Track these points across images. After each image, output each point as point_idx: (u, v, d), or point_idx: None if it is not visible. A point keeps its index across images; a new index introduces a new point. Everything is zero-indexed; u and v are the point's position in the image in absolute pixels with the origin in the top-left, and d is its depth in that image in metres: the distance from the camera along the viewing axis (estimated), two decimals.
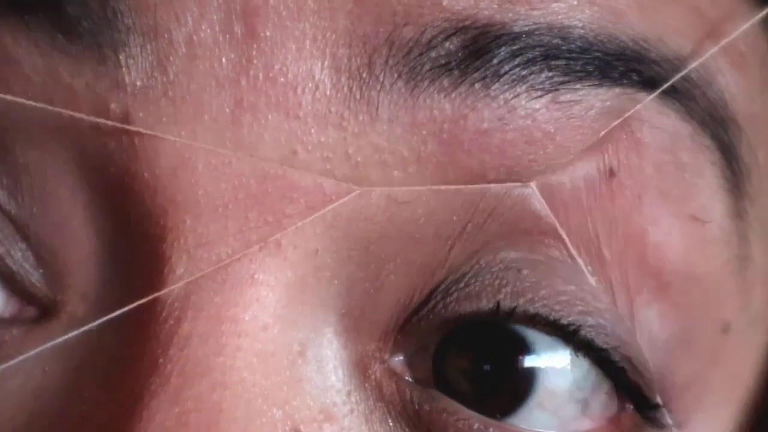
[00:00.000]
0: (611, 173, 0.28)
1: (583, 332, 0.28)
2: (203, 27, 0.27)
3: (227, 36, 0.27)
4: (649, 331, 0.29)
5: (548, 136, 0.28)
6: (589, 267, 0.29)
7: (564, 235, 0.29)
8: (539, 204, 0.28)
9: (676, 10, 0.29)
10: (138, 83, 0.27)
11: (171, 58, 0.27)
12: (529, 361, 0.29)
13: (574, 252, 0.28)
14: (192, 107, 0.27)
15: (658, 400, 0.30)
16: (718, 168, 0.30)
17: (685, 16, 0.29)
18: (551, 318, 0.28)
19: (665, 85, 0.29)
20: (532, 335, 0.29)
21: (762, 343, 0.33)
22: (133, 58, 0.27)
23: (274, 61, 0.27)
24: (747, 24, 0.30)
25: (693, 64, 0.29)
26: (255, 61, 0.27)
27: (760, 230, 0.32)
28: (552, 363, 0.29)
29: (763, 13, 0.30)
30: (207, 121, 0.27)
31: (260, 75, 0.27)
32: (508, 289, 0.28)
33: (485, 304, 0.28)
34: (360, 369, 0.28)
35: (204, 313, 0.27)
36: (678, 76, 0.29)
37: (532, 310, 0.28)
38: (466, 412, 0.28)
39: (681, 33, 0.29)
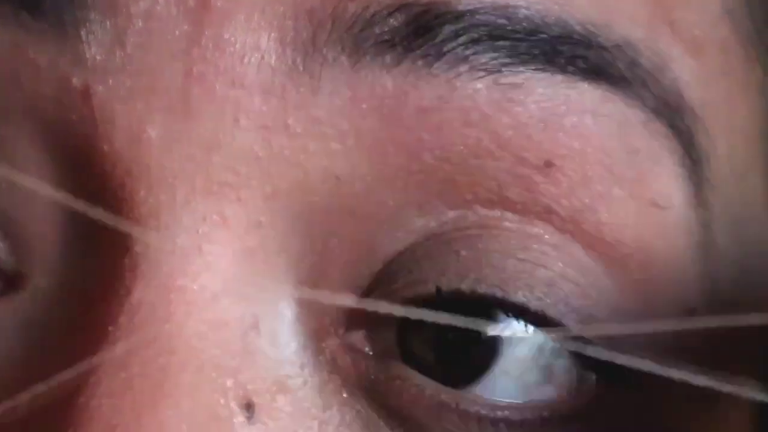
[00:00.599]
0: (548, 164, 0.29)
1: (533, 305, 0.29)
2: (159, 0, 0.27)
3: (181, 8, 0.27)
4: (608, 302, 0.29)
5: (485, 119, 0.28)
6: (542, 234, 0.29)
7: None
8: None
9: None
10: (98, 58, 0.28)
11: (129, 33, 0.28)
12: (493, 330, 0.29)
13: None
14: (147, 80, 0.28)
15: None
16: (676, 156, 0.30)
17: (636, 1, 0.29)
18: (498, 296, 0.29)
19: None
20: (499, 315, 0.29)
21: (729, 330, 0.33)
22: (93, 34, 0.28)
23: (223, 31, 0.27)
24: None
25: None
26: (206, 32, 0.27)
27: (726, 219, 0.32)
28: (515, 331, 0.29)
29: None
30: (160, 92, 0.28)
31: (210, 45, 0.27)
32: (450, 271, 0.29)
33: (430, 288, 0.29)
34: (314, 342, 0.29)
35: (154, 282, 0.27)
36: None
37: (479, 290, 0.29)
38: (420, 379, 0.29)
39: (632, 18, 0.29)
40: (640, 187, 0.30)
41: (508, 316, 0.29)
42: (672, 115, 0.30)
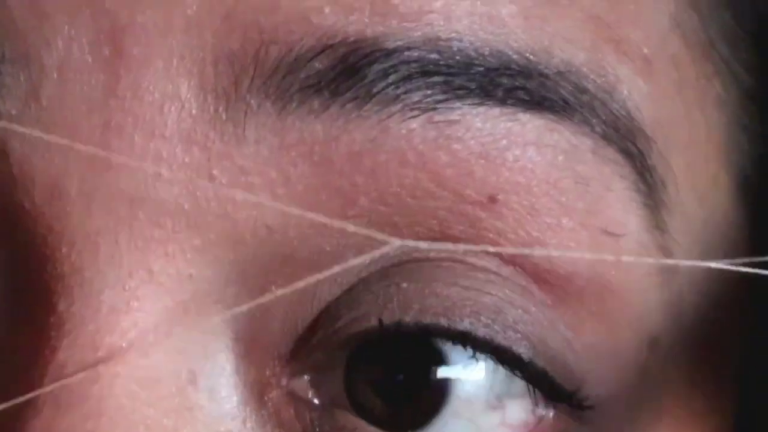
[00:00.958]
0: (491, 199, 0.28)
1: (480, 333, 0.28)
2: (74, 50, 0.26)
3: (96, 57, 0.26)
4: (565, 336, 0.29)
5: (422, 159, 0.27)
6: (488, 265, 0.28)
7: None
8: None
9: (568, 17, 0.28)
10: (13, 112, 0.27)
11: (43, 85, 0.27)
12: (442, 372, 0.28)
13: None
14: (65, 133, 0.26)
15: (585, 403, 0.29)
16: (629, 181, 0.29)
17: (578, 23, 0.28)
18: (443, 325, 0.28)
19: None
20: (447, 349, 0.28)
21: (703, 355, 0.32)
22: (7, 87, 0.27)
23: (141, 79, 0.26)
24: None
25: None
26: (123, 81, 0.26)
27: (687, 240, 0.31)
28: (466, 370, 0.28)
29: None
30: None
31: (128, 95, 0.26)
32: (393, 304, 0.28)
33: (374, 322, 0.28)
34: (255, 395, 0.28)
35: (79, 341, 0.26)
36: None
37: (423, 320, 0.28)
38: (367, 428, 0.28)
39: (574, 41, 0.28)
40: (591, 216, 0.28)
41: (454, 345, 0.28)
42: (623, 139, 0.29)
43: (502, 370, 0.28)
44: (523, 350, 0.28)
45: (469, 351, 0.28)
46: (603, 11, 0.28)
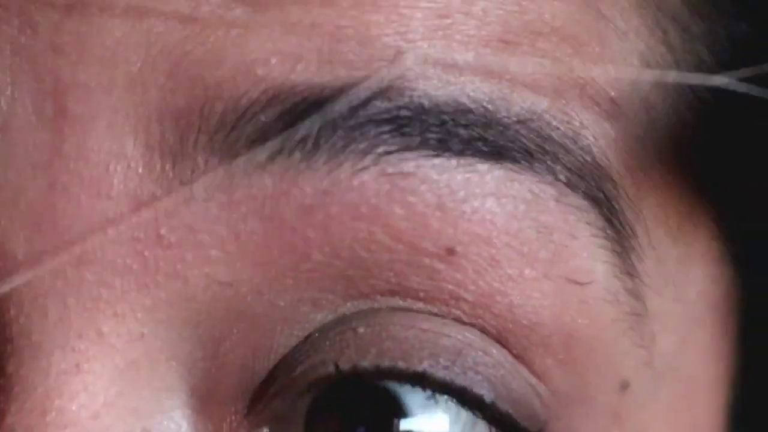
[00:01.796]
0: (449, 252, 0.27)
1: (440, 374, 0.27)
2: (17, 110, 0.26)
3: (40, 117, 0.26)
4: (529, 382, 0.28)
5: (376, 212, 0.26)
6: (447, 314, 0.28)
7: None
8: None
9: (528, 63, 0.27)
10: None
11: None
12: (405, 424, 0.28)
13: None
14: (9, 194, 0.26)
15: None
16: (595, 227, 0.28)
17: (539, 69, 0.27)
18: (402, 368, 0.27)
19: None
20: (407, 395, 0.28)
21: (679, 393, 0.31)
22: None
23: (85, 138, 0.26)
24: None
25: None
26: (67, 141, 0.26)
27: (659, 282, 0.30)
28: (429, 421, 0.28)
29: None
30: (24, 207, 0.26)
31: (72, 154, 0.26)
32: (350, 350, 0.27)
33: (330, 369, 0.27)
34: None
35: (27, 404, 0.26)
36: None
37: (381, 365, 0.27)
38: None
39: (535, 88, 0.27)
40: (555, 266, 0.28)
41: (413, 387, 0.27)
42: (588, 185, 0.28)
43: (464, 415, 0.28)
44: (484, 392, 0.27)
45: (428, 392, 0.27)
46: (565, 55, 0.28)
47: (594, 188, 0.28)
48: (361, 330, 0.27)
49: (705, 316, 0.32)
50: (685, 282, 0.31)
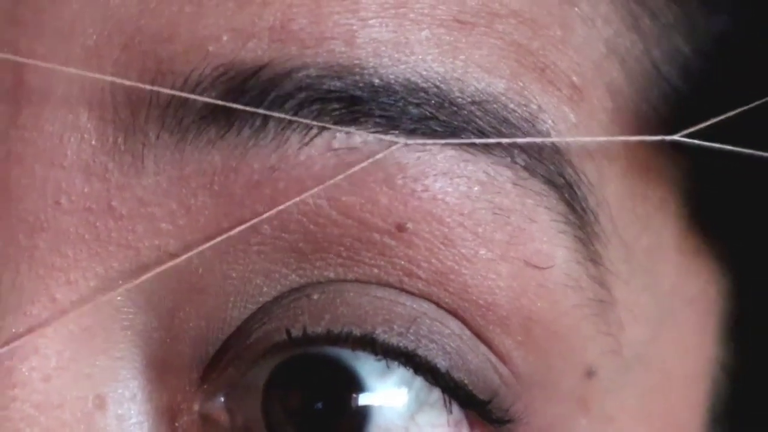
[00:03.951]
0: (399, 228, 0.27)
1: (393, 341, 0.27)
2: None
3: None
4: (488, 359, 0.28)
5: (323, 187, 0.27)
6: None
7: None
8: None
9: (484, 45, 0.27)
10: None
11: None
12: (363, 399, 0.28)
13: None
14: None
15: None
16: (555, 212, 0.28)
17: (496, 51, 0.27)
18: (356, 334, 0.27)
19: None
20: (363, 367, 0.28)
21: (651, 384, 0.31)
22: None
23: (41, 109, 0.26)
24: None
25: None
26: (23, 111, 0.27)
27: (626, 271, 0.30)
28: (385, 395, 0.28)
29: None
30: None
31: (28, 125, 0.27)
32: (303, 316, 0.27)
33: (283, 336, 0.27)
34: (167, 421, 0.28)
35: None
36: None
37: (334, 330, 0.27)
38: None
39: (491, 70, 0.27)
40: (512, 248, 0.28)
41: (365, 352, 0.27)
42: (548, 170, 0.28)
43: (418, 383, 0.28)
44: (439, 360, 0.28)
45: (382, 360, 0.27)
46: (524, 38, 0.28)
47: (554, 173, 0.28)
48: (315, 297, 0.27)
49: (679, 309, 0.31)
50: (655, 272, 0.31)
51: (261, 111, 0.26)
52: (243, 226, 0.27)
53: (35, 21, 0.26)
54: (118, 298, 0.27)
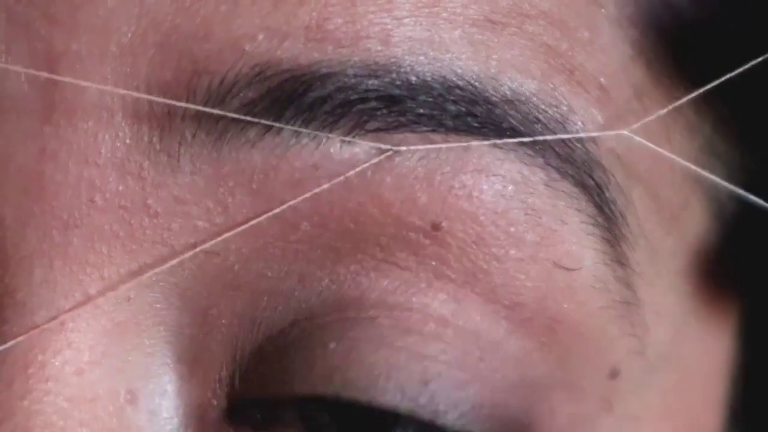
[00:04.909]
0: (435, 227, 0.27)
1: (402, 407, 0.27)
2: (10, 77, 0.26)
3: (32, 85, 0.26)
4: (515, 364, 0.28)
5: (366, 183, 0.27)
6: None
7: None
8: None
9: (515, 45, 0.27)
10: None
11: None
12: None
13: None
14: (0, 160, 0.27)
15: None
16: (585, 214, 0.28)
17: (526, 52, 0.28)
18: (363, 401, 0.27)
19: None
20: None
21: (673, 384, 0.31)
22: None
23: (75, 106, 0.26)
24: None
25: None
26: (58, 108, 0.26)
27: (652, 272, 0.30)
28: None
29: None
30: (13, 172, 0.27)
31: (62, 122, 0.26)
32: (316, 369, 0.27)
33: (298, 385, 0.27)
34: (197, 417, 0.28)
35: (9, 358, 0.27)
36: None
37: (344, 395, 0.27)
38: None
39: (522, 71, 0.27)
40: (542, 249, 0.28)
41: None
42: (578, 171, 0.28)
43: None
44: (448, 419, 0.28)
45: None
46: (554, 40, 0.28)
47: (584, 175, 0.28)
48: (332, 345, 0.27)
49: (702, 309, 0.32)
50: (679, 273, 0.31)
51: (259, 119, 0.26)
52: (270, 213, 0.27)
53: (70, 18, 0.26)
54: (151, 294, 0.27)
